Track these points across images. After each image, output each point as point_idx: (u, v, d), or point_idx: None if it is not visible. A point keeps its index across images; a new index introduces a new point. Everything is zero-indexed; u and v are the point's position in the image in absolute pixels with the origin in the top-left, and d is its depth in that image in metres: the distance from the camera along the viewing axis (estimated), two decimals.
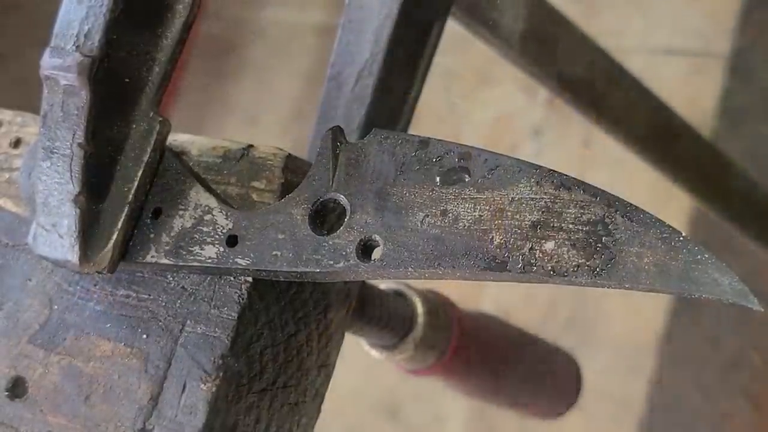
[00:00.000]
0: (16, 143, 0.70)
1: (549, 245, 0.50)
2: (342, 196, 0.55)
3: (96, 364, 0.62)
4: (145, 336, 0.61)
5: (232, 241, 0.58)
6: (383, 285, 0.80)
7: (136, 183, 0.60)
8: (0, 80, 2.21)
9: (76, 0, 0.57)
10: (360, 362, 0.92)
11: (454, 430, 1.90)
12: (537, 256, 0.50)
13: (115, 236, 0.60)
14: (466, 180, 0.53)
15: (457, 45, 1.15)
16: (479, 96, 2.13)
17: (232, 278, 0.60)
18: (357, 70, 0.74)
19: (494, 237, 0.51)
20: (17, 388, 0.64)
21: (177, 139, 0.64)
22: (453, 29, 0.81)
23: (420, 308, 0.81)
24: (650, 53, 1.97)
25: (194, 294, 0.61)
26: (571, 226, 0.50)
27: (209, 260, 0.58)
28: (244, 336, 0.59)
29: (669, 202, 1.63)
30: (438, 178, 0.54)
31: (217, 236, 0.58)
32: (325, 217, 0.56)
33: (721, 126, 1.82)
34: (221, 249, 0.58)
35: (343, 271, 0.54)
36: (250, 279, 0.59)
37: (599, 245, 0.49)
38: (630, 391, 1.74)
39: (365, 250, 0.54)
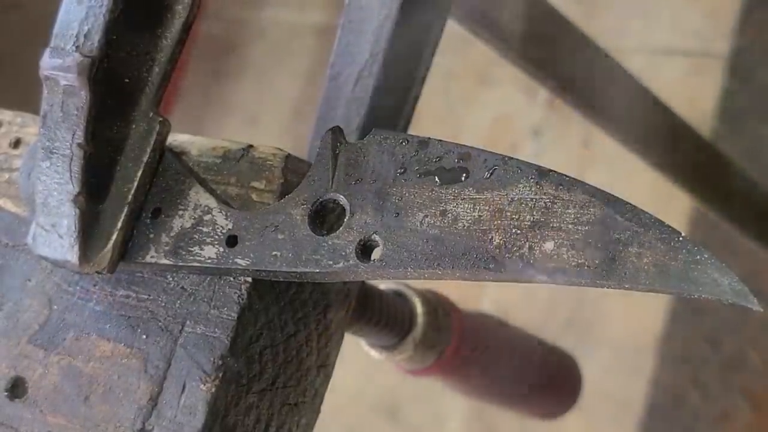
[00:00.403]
0: (16, 143, 0.70)
1: (548, 245, 0.50)
2: (342, 196, 0.55)
3: (96, 365, 0.62)
4: (144, 336, 0.61)
5: (231, 241, 0.58)
6: (383, 285, 0.80)
7: (135, 183, 0.60)
8: (0, 80, 2.21)
9: (76, 0, 0.57)
10: (360, 362, 0.92)
11: (454, 430, 1.90)
12: (536, 256, 0.50)
13: (114, 236, 0.60)
14: (466, 180, 0.53)
15: (457, 45, 1.15)
16: (479, 96, 2.13)
17: (231, 278, 0.60)
18: (357, 70, 0.74)
19: (494, 237, 0.51)
20: (17, 389, 0.64)
21: (177, 139, 0.64)
22: (453, 29, 0.81)
23: (420, 308, 0.81)
24: (650, 53, 1.97)
25: (194, 294, 0.61)
26: (570, 226, 0.50)
27: (209, 260, 0.58)
28: (244, 336, 0.59)
29: (669, 202, 1.63)
30: (437, 179, 0.54)
31: (216, 236, 0.58)
32: (324, 218, 0.56)
33: (721, 126, 1.82)
34: (221, 249, 0.58)
35: (343, 271, 0.54)
36: (249, 279, 0.59)
37: (599, 245, 0.49)
38: (630, 391, 1.74)
39: (365, 250, 0.54)
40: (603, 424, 1.76)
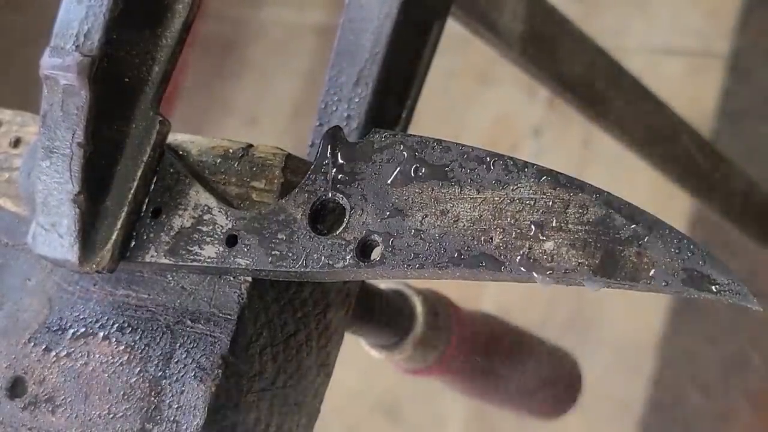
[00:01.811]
0: (16, 143, 0.70)
1: (549, 245, 0.50)
2: (341, 195, 0.55)
3: (96, 364, 0.62)
4: (144, 336, 0.61)
5: (231, 240, 0.58)
6: (383, 285, 0.80)
7: (135, 183, 0.60)
8: (0, 80, 2.21)
9: (76, 0, 0.57)
10: (360, 362, 0.92)
11: (454, 430, 1.90)
12: (537, 256, 0.50)
13: (114, 236, 0.60)
14: (466, 180, 0.53)
15: (457, 45, 1.15)
16: (479, 96, 2.13)
17: (231, 278, 0.60)
18: (357, 70, 0.74)
19: (494, 237, 0.51)
20: (17, 388, 0.64)
21: (177, 138, 0.64)
22: (453, 29, 0.81)
23: (420, 308, 0.81)
24: (650, 53, 1.97)
25: (194, 293, 0.61)
26: (570, 226, 0.50)
27: (209, 260, 0.58)
28: (244, 336, 0.59)
29: (669, 202, 1.63)
30: (437, 178, 0.54)
31: (216, 236, 0.58)
32: (324, 217, 0.56)
33: (721, 126, 1.82)
34: (221, 249, 0.58)
35: (343, 271, 0.54)
36: (249, 279, 0.59)
37: (599, 245, 0.49)
38: (630, 391, 1.74)
39: (364, 250, 0.54)
40: (603, 424, 1.76)
